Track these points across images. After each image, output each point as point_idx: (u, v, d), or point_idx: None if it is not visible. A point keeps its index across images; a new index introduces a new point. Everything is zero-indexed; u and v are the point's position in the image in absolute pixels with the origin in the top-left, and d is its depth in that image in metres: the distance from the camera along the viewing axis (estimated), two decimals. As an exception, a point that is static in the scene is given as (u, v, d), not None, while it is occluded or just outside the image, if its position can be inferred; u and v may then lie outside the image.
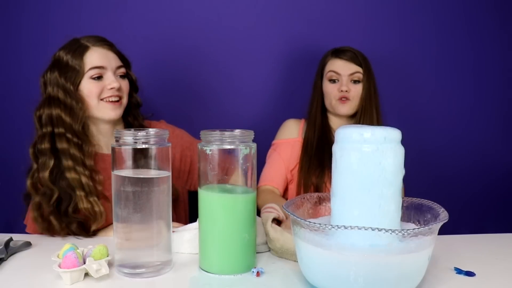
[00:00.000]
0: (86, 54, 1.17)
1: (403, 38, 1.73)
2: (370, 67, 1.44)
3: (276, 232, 0.96)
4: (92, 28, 1.60)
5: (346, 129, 0.77)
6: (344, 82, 1.42)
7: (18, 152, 1.71)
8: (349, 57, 1.42)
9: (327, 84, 1.45)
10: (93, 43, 1.19)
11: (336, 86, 1.43)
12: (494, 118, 1.80)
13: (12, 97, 1.70)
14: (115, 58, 1.22)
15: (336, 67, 1.43)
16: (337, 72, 1.42)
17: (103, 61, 1.18)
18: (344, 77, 1.42)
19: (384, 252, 0.70)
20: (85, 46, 1.18)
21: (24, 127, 1.71)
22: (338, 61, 1.43)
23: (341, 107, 1.43)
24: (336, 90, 1.43)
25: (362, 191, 0.74)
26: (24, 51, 1.67)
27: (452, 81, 1.77)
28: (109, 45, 1.22)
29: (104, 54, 1.19)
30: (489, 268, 0.91)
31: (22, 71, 1.69)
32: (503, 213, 1.83)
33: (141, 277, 0.86)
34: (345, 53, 1.43)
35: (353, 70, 1.42)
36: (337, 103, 1.44)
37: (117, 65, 1.21)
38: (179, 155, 1.36)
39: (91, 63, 1.17)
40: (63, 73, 1.16)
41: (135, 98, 1.30)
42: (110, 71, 1.19)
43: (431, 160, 1.79)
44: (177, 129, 1.39)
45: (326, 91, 1.46)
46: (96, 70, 1.17)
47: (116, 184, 0.87)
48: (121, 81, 1.22)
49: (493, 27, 1.75)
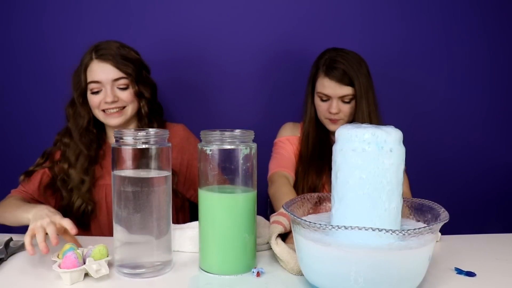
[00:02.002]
0: (88, 68, 1.24)
1: (402, 37, 1.73)
2: (364, 80, 1.35)
3: (278, 247, 0.92)
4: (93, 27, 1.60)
5: (346, 129, 0.77)
6: (334, 104, 1.35)
7: (18, 152, 1.72)
8: (340, 78, 1.33)
9: (317, 101, 1.40)
10: (97, 55, 1.23)
11: (326, 105, 1.38)
12: (494, 118, 1.80)
13: (12, 98, 1.70)
14: (114, 71, 1.23)
15: (326, 89, 1.35)
16: (326, 95, 1.35)
17: (99, 76, 1.22)
18: (334, 98, 1.35)
19: (384, 252, 0.70)
20: (90, 58, 1.24)
21: (24, 127, 1.72)
22: (327, 81, 1.34)
23: (331, 126, 1.40)
24: (325, 109, 1.38)
25: (363, 191, 0.74)
26: (24, 51, 1.68)
27: (452, 81, 1.77)
28: (111, 57, 1.22)
29: (101, 68, 1.22)
30: (490, 268, 0.91)
31: (22, 71, 1.69)
32: (503, 213, 1.83)
33: (141, 277, 0.86)
34: (335, 72, 1.33)
35: (344, 93, 1.34)
36: (328, 122, 1.40)
37: (114, 78, 1.23)
38: (186, 163, 1.36)
39: (90, 77, 1.24)
40: (75, 82, 1.28)
41: (142, 106, 1.29)
42: (107, 84, 1.22)
43: (431, 160, 1.79)
44: (193, 137, 1.39)
45: (317, 108, 1.41)
46: (94, 84, 1.23)
47: (116, 184, 0.87)
48: (120, 92, 1.24)
49: (493, 25, 1.75)
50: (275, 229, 0.94)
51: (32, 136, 1.70)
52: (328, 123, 1.41)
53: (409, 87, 1.76)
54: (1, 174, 1.70)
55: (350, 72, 1.33)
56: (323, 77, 1.36)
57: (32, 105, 1.70)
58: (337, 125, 1.35)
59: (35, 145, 1.68)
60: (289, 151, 1.45)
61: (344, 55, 1.36)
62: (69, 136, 1.29)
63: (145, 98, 1.29)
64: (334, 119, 1.38)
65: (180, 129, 1.37)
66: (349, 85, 1.34)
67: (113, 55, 1.23)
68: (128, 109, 1.26)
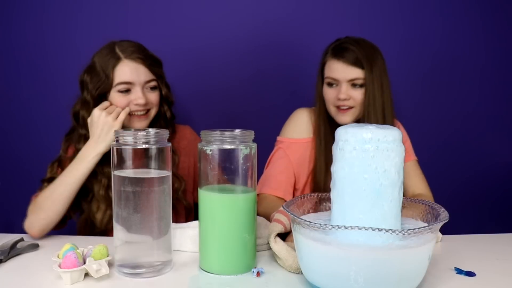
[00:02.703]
0: (117, 67, 1.16)
1: (402, 36, 1.73)
2: (377, 63, 1.23)
3: (277, 245, 0.92)
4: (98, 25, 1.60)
5: (346, 129, 0.77)
6: (343, 89, 1.23)
7: (18, 153, 1.73)
8: (350, 60, 1.22)
9: (326, 89, 1.28)
10: (126, 55, 1.17)
11: (334, 91, 1.25)
12: (495, 118, 1.80)
13: (12, 98, 1.70)
14: (146, 72, 1.19)
15: (334, 72, 1.24)
16: (335, 78, 1.24)
17: (132, 77, 1.17)
18: (343, 82, 1.23)
19: (384, 251, 0.70)
20: (117, 58, 1.17)
21: (24, 127, 1.72)
22: (336, 63, 1.24)
23: (341, 116, 1.26)
24: (334, 96, 1.25)
25: (363, 191, 0.74)
26: (24, 50, 1.68)
27: (452, 81, 1.77)
28: (142, 58, 1.18)
29: (134, 69, 1.17)
30: (489, 268, 0.91)
31: (23, 72, 1.70)
32: (503, 213, 1.83)
33: (141, 277, 0.86)
34: (344, 53, 1.23)
35: (353, 76, 1.22)
36: (337, 112, 1.27)
37: (146, 80, 1.19)
38: (193, 165, 1.35)
39: (120, 77, 1.16)
40: (94, 81, 1.18)
41: (164, 110, 1.27)
42: (139, 86, 1.18)
43: (431, 160, 1.79)
44: (199, 139, 1.36)
45: (325, 97, 1.29)
46: (124, 85, 1.17)
47: (116, 184, 0.87)
48: (149, 94, 1.21)
49: (492, 25, 1.75)
50: (274, 228, 0.94)
51: (34, 137, 1.70)
52: (337, 113, 1.27)
53: (409, 87, 1.76)
54: (1, 175, 1.71)
55: (360, 53, 1.22)
56: (331, 60, 1.26)
57: (34, 106, 1.70)
58: (347, 116, 1.26)
59: (36, 146, 1.70)
60: (292, 158, 1.31)
61: (356, 39, 1.27)
62: (84, 140, 1.18)
63: (168, 102, 1.28)
64: (343, 109, 1.25)
65: (187, 131, 1.37)
66: (359, 67, 1.22)
67: (144, 55, 1.19)
68: (152, 112, 1.23)
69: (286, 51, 1.72)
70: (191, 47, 1.69)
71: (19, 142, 1.72)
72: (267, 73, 1.72)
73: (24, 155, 1.71)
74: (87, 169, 1.11)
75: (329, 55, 1.28)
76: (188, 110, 1.70)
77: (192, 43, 1.68)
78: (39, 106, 1.69)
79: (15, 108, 1.70)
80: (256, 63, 1.71)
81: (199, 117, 1.70)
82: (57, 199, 1.09)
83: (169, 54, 1.53)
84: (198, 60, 1.70)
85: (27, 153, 1.70)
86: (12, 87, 1.70)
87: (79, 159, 1.12)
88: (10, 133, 1.71)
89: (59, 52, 1.67)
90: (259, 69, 1.72)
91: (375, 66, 1.23)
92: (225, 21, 1.69)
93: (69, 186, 1.10)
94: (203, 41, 1.69)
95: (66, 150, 1.23)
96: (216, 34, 1.69)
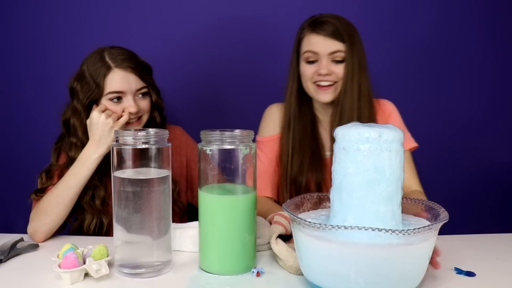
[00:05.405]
0: (108, 77, 1.15)
1: (402, 36, 1.73)
2: (356, 39, 1.19)
3: (278, 246, 0.92)
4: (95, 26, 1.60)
5: (345, 129, 0.77)
6: (324, 63, 1.17)
7: (18, 153, 1.73)
8: (329, 32, 1.16)
9: (304, 65, 1.21)
10: (117, 64, 1.16)
11: (313, 67, 1.19)
12: (495, 118, 1.80)
13: (12, 98, 1.70)
14: (136, 80, 1.18)
15: (314, 46, 1.17)
16: (314, 52, 1.18)
17: (123, 86, 1.16)
18: (324, 57, 1.17)
19: (384, 250, 0.70)
20: (108, 67, 1.15)
21: (24, 127, 1.72)
22: (315, 37, 1.18)
23: (321, 95, 1.20)
24: (313, 72, 1.19)
25: (363, 191, 0.74)
26: (24, 51, 1.68)
27: (452, 81, 1.77)
28: (132, 66, 1.17)
29: (125, 78, 1.16)
30: (489, 268, 0.91)
31: (20, 72, 1.70)
32: (503, 213, 1.83)
33: (141, 277, 0.86)
34: (324, 26, 1.17)
35: (334, 48, 1.16)
36: (316, 90, 1.21)
37: (137, 88, 1.19)
38: (185, 164, 1.35)
39: (111, 87, 1.15)
40: (85, 90, 1.17)
41: (154, 115, 1.27)
42: (130, 94, 1.17)
43: (431, 160, 1.79)
44: (191, 140, 1.38)
45: (303, 74, 1.22)
46: (116, 94, 1.16)
47: (116, 184, 0.87)
48: (141, 101, 1.20)
49: (492, 25, 1.75)
50: (275, 229, 0.94)
51: (34, 137, 1.70)
52: (317, 91, 1.21)
53: (408, 87, 1.76)
54: (1, 175, 1.71)
55: (340, 27, 1.17)
56: (309, 34, 1.20)
57: (34, 106, 1.70)
58: (328, 94, 1.20)
59: (36, 146, 1.69)
60: (270, 156, 1.29)
61: (332, 14, 1.22)
62: (75, 148, 1.18)
63: (159, 108, 1.28)
64: (324, 85, 1.19)
65: (177, 131, 1.37)
66: (339, 40, 1.17)
67: (135, 64, 1.18)
68: (143, 118, 1.23)
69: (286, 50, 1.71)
70: (190, 47, 1.69)
71: (19, 142, 1.72)
72: (267, 73, 1.72)
73: (24, 155, 1.71)
74: (89, 171, 1.11)
75: (307, 30, 1.21)
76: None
77: (191, 43, 1.68)
78: (39, 106, 1.69)
79: (15, 108, 1.70)
80: (256, 63, 1.71)
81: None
82: (61, 203, 1.10)
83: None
84: (197, 59, 1.70)
85: (27, 153, 1.70)
86: (12, 87, 1.70)
87: (81, 162, 1.12)
88: (10, 133, 1.72)
89: (59, 52, 1.67)
90: (259, 69, 1.72)
91: (354, 41, 1.19)
92: (223, 20, 1.69)
93: (72, 189, 1.10)
94: (202, 41, 1.69)
95: (57, 159, 1.22)
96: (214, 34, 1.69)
